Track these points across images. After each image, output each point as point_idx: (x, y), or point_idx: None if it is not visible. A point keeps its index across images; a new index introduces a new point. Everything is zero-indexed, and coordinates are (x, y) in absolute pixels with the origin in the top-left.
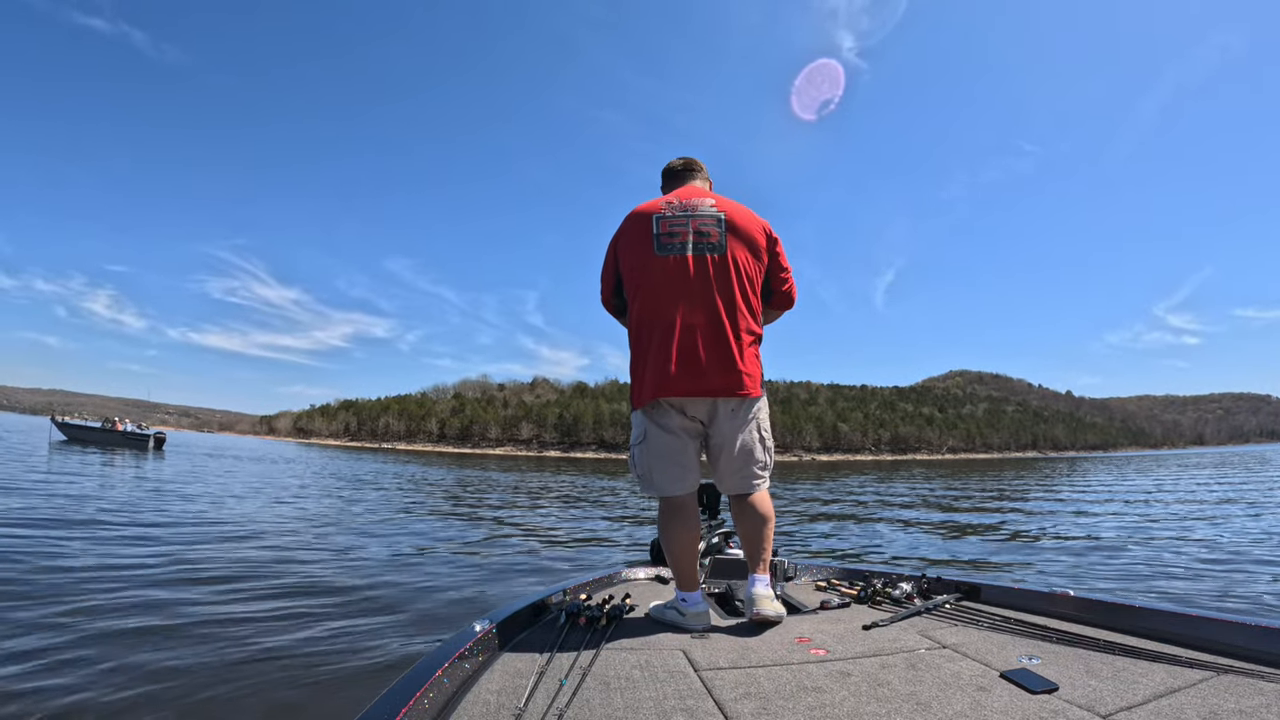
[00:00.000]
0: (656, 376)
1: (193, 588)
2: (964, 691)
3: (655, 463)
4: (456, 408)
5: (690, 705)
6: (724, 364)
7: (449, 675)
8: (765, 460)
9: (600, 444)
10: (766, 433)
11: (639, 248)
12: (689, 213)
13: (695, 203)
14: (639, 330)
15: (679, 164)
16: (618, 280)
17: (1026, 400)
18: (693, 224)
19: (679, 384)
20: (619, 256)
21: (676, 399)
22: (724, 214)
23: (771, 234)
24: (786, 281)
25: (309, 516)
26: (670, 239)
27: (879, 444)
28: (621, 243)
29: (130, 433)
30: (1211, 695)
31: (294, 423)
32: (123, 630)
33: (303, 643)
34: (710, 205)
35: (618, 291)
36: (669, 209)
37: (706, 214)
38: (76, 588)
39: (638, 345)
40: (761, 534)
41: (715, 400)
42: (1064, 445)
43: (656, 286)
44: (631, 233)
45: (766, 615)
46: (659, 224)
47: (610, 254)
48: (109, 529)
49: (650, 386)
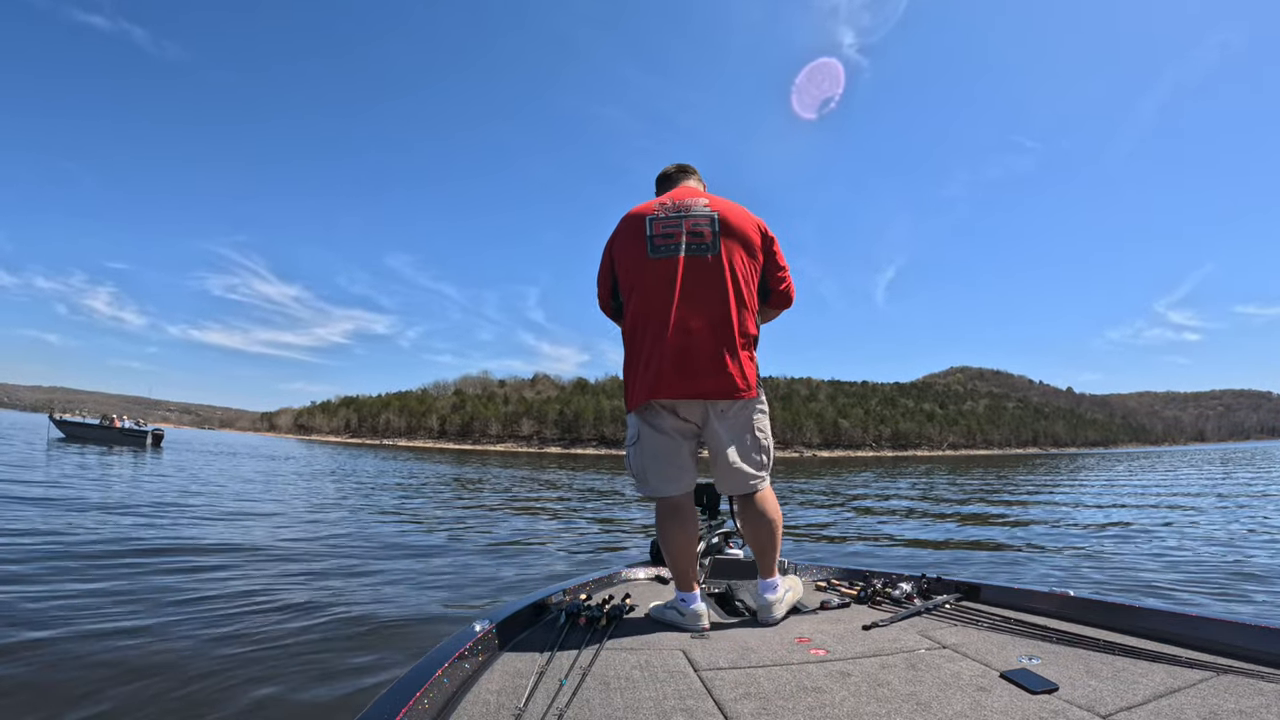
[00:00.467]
0: (649, 378)
1: (191, 590)
2: (964, 691)
3: (649, 464)
4: (457, 404)
5: (690, 705)
6: (716, 366)
7: (449, 675)
8: (763, 461)
9: (601, 440)
10: (764, 433)
11: (633, 250)
12: (682, 214)
13: (689, 203)
14: (633, 332)
15: (672, 169)
16: (614, 282)
17: (1027, 397)
18: (686, 225)
19: (671, 386)
20: (614, 259)
21: (668, 400)
22: (718, 213)
23: (767, 233)
24: (784, 281)
25: (307, 515)
26: (664, 240)
27: (880, 440)
28: (616, 245)
29: (128, 429)
30: (1211, 695)
31: (295, 419)
32: (123, 632)
33: (302, 643)
34: (704, 205)
35: (614, 293)
36: (662, 210)
37: (700, 214)
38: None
39: (631, 347)
40: (768, 537)
41: (707, 402)
42: (1065, 442)
43: (650, 288)
44: (625, 235)
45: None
46: (652, 225)
47: (606, 257)
48: (114, 519)
49: (642, 388)
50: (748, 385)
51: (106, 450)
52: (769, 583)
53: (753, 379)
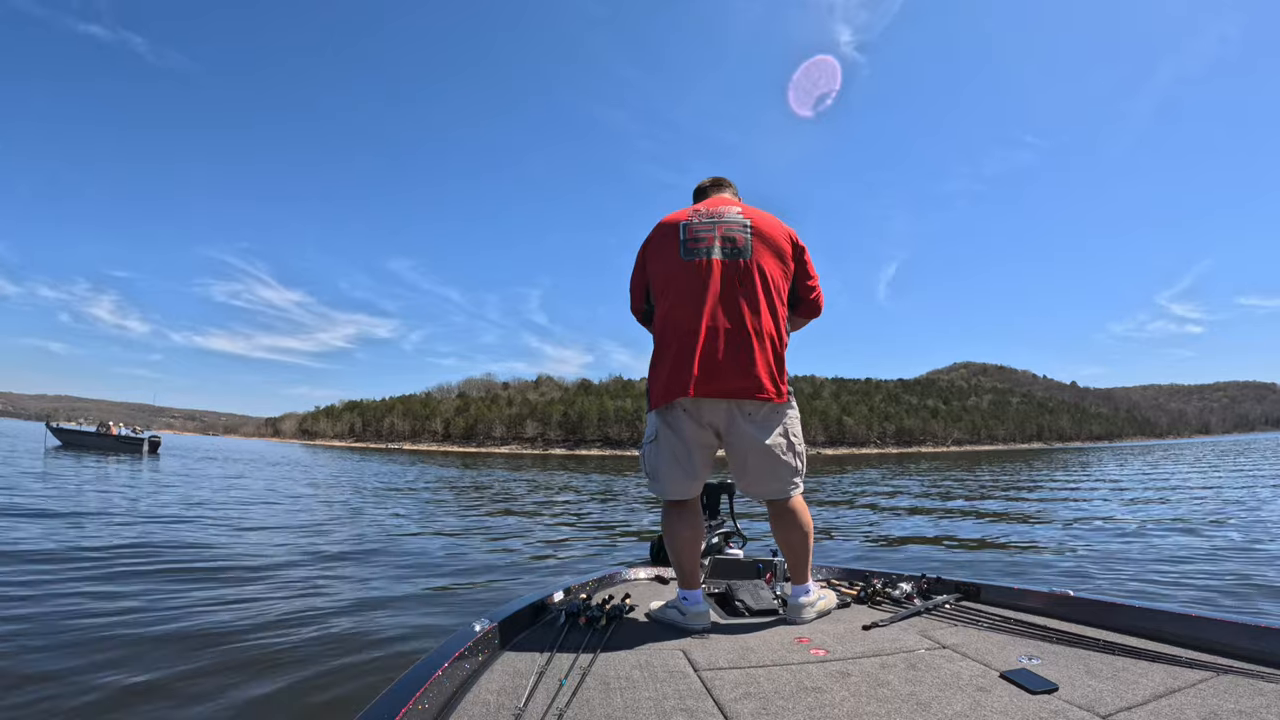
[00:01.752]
0: (673, 378)
1: (187, 589)
2: (964, 692)
3: (662, 465)
4: (461, 407)
5: (690, 705)
6: (743, 367)
7: (449, 675)
8: (796, 465)
9: (605, 441)
10: (797, 437)
11: (666, 253)
12: (716, 219)
13: (722, 210)
14: (663, 333)
15: (708, 182)
16: (647, 289)
17: (1031, 391)
18: (719, 229)
19: (696, 385)
20: (647, 263)
21: (690, 401)
22: (750, 221)
23: (798, 242)
24: (814, 290)
25: (307, 518)
26: (697, 244)
27: (884, 437)
28: (650, 250)
29: (124, 437)
30: (1211, 695)
31: (299, 424)
32: (120, 631)
33: (301, 643)
34: (737, 213)
35: (648, 298)
36: (696, 217)
37: (733, 220)
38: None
39: (660, 346)
40: (801, 543)
41: (731, 403)
42: (1069, 436)
43: (682, 290)
44: (659, 240)
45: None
46: (686, 231)
47: (639, 262)
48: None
49: (666, 388)
50: (777, 390)
51: (102, 457)
52: (801, 588)
53: (783, 385)
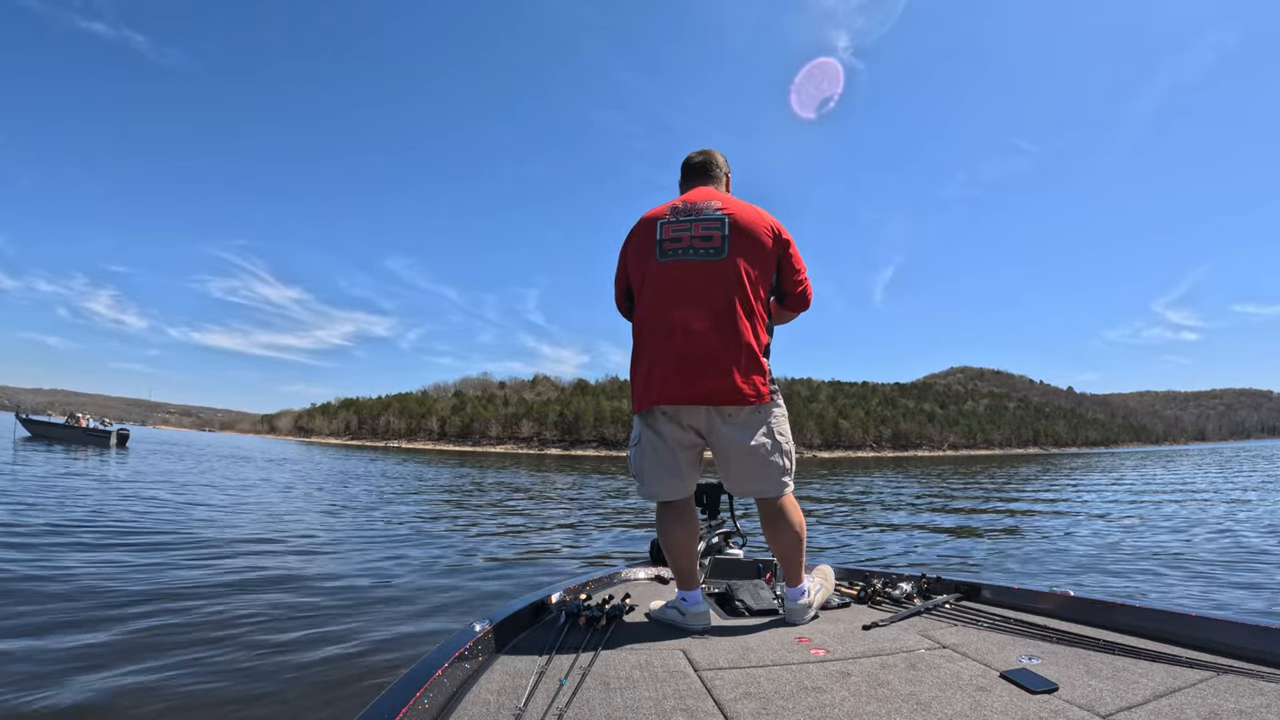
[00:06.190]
0: (652, 383)
1: (186, 592)
2: (964, 691)
3: (648, 466)
4: (457, 406)
5: (690, 705)
6: (720, 371)
7: (449, 675)
8: (783, 465)
9: (601, 441)
10: (784, 436)
11: (644, 254)
12: (693, 217)
13: (700, 206)
14: (640, 335)
15: (698, 159)
16: (629, 285)
17: (1028, 396)
18: (695, 228)
19: (673, 391)
20: (627, 262)
21: (670, 406)
22: (730, 216)
23: (782, 235)
24: (801, 284)
25: (303, 520)
26: (673, 244)
27: (880, 441)
28: (629, 249)
29: (92, 429)
30: (1211, 695)
31: (295, 421)
32: (122, 631)
33: (300, 644)
34: (716, 208)
35: (629, 296)
36: (674, 215)
37: (710, 218)
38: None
39: (637, 350)
40: (792, 544)
41: (710, 408)
42: (1065, 441)
43: (657, 292)
44: (638, 239)
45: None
46: (663, 230)
47: (621, 260)
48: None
49: (646, 393)
50: (755, 392)
51: (69, 449)
52: (794, 590)
53: (762, 386)
